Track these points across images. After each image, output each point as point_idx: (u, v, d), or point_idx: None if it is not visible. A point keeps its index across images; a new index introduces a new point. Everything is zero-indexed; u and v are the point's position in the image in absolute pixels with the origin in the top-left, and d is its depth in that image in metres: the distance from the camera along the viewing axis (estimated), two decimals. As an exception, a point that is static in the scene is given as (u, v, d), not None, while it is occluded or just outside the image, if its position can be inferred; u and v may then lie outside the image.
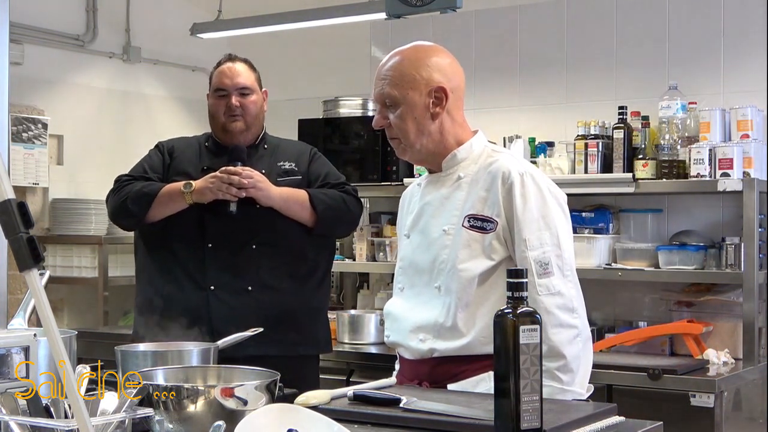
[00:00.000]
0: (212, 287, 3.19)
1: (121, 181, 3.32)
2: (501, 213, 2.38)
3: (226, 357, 2.47)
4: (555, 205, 2.42)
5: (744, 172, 4.01)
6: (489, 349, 2.27)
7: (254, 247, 3.21)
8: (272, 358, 2.92)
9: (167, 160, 3.37)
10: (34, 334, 1.95)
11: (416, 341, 2.44)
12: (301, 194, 3.25)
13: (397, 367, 2.61)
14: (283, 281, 3.23)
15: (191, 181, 3.19)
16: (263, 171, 3.26)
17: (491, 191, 2.40)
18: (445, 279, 2.41)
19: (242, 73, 3.32)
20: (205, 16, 5.68)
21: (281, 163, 3.34)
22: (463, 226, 2.41)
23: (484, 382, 2.35)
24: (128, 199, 3.23)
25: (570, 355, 2.33)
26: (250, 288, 3.20)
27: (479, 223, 2.40)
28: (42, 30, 5.48)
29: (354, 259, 4.92)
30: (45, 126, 5.38)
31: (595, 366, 2.47)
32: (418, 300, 2.48)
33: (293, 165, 3.35)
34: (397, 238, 2.69)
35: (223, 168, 3.17)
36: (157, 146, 3.43)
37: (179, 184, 3.20)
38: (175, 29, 5.97)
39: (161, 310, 3.19)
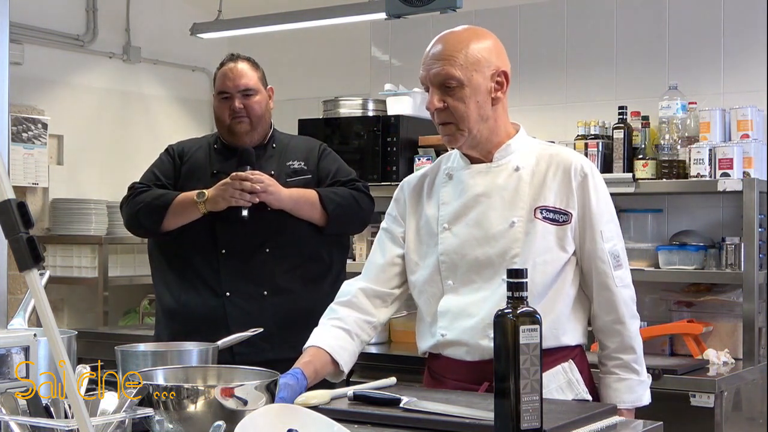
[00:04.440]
0: (228, 294, 3.20)
1: (134, 190, 3.31)
2: (575, 205, 2.36)
3: (244, 362, 2.46)
4: (611, 200, 2.46)
5: (744, 172, 4.02)
6: (564, 340, 2.35)
7: (267, 251, 3.21)
8: (290, 360, 2.92)
9: (178, 164, 3.36)
10: (34, 334, 1.95)
11: (486, 339, 2.30)
12: (312, 195, 3.24)
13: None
14: (297, 283, 3.23)
15: (204, 191, 3.17)
16: (272, 172, 3.26)
17: (563, 183, 2.37)
18: (527, 282, 2.33)
19: (245, 74, 3.29)
20: (205, 16, 5.67)
21: (290, 163, 3.33)
22: (535, 218, 2.35)
23: (560, 375, 2.33)
24: (140, 212, 3.24)
25: (638, 347, 2.41)
26: (265, 293, 3.20)
27: (551, 215, 2.36)
28: (42, 30, 5.47)
29: (354, 259, 4.92)
30: (45, 126, 5.38)
31: (595, 366, 2.47)
32: (480, 296, 2.36)
33: (302, 164, 3.34)
34: (409, 229, 2.52)
35: (234, 174, 3.15)
36: (167, 150, 3.42)
37: (192, 194, 3.19)
38: (175, 29, 5.96)
39: (180, 318, 3.21)
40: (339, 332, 2.47)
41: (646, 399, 2.39)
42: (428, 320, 2.46)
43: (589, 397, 2.36)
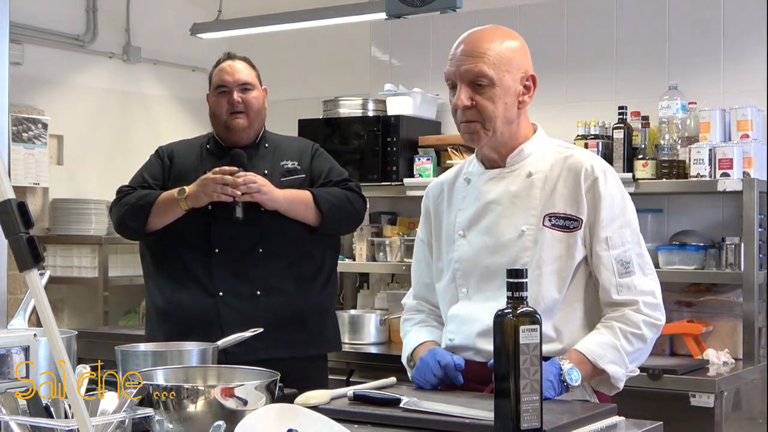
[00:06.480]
0: (221, 293, 3.20)
1: (121, 193, 3.31)
2: (584, 210, 2.30)
3: (237, 361, 2.47)
4: (631, 203, 2.38)
5: (744, 172, 4.02)
6: None
7: (261, 251, 3.21)
8: (282, 360, 2.92)
9: (167, 164, 3.35)
10: (34, 334, 1.95)
11: (486, 343, 2.27)
12: (306, 195, 3.24)
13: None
14: (290, 283, 3.23)
15: (185, 187, 3.17)
16: (266, 171, 3.26)
17: (573, 188, 2.31)
18: (527, 282, 2.30)
19: (243, 70, 3.32)
20: (205, 16, 5.68)
21: (284, 162, 3.33)
22: (544, 225, 2.31)
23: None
24: (126, 213, 3.24)
25: (649, 340, 2.31)
26: (258, 292, 3.20)
27: (561, 222, 2.31)
28: (42, 30, 5.47)
29: (354, 259, 4.92)
30: (45, 126, 5.38)
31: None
32: (491, 304, 2.25)
33: (296, 163, 3.34)
34: (436, 237, 2.52)
35: (216, 168, 3.15)
36: (157, 152, 3.42)
37: (173, 192, 3.19)
38: (175, 29, 5.96)
39: (172, 318, 3.21)
40: (430, 328, 2.53)
41: (613, 372, 2.27)
42: (444, 324, 2.48)
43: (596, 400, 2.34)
